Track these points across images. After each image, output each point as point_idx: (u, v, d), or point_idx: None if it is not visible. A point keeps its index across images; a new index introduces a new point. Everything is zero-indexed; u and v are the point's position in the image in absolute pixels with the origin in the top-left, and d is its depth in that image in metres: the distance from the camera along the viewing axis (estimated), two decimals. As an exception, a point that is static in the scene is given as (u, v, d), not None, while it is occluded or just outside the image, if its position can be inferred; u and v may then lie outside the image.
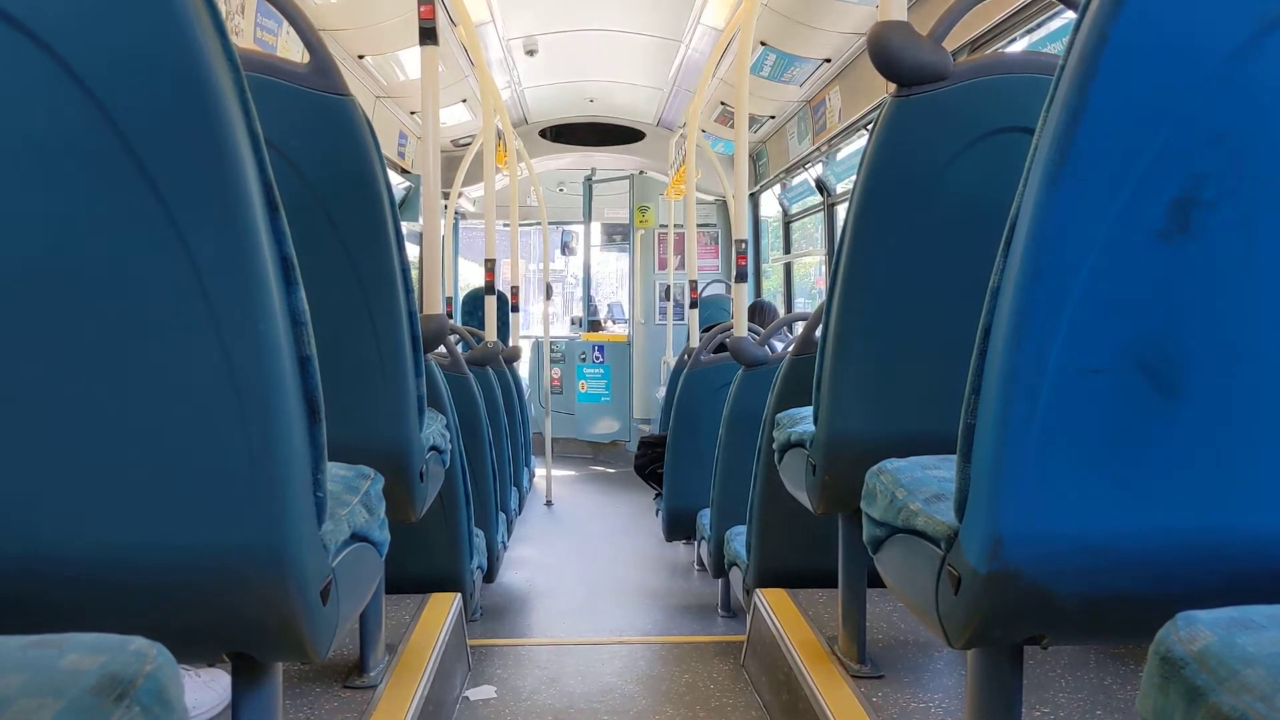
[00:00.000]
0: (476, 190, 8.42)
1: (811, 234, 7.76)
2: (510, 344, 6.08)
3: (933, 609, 1.33)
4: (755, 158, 7.69)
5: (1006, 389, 1.12)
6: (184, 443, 1.09)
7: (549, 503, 6.81)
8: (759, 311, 5.63)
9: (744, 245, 3.80)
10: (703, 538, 4.04)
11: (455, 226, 8.63)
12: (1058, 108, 1.05)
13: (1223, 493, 1.14)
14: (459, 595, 2.91)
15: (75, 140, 1.00)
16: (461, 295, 8.82)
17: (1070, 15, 2.15)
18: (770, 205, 8.28)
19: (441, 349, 3.50)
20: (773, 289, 8.52)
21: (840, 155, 6.31)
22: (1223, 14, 1.00)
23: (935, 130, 1.83)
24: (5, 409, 1.06)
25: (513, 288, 6.39)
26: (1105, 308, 1.08)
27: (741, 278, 3.73)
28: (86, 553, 1.10)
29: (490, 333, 4.87)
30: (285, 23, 3.81)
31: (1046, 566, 1.17)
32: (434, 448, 2.28)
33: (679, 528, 4.47)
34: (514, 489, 4.92)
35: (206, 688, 1.96)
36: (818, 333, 2.11)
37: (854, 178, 1.92)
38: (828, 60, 5.30)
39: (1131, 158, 1.04)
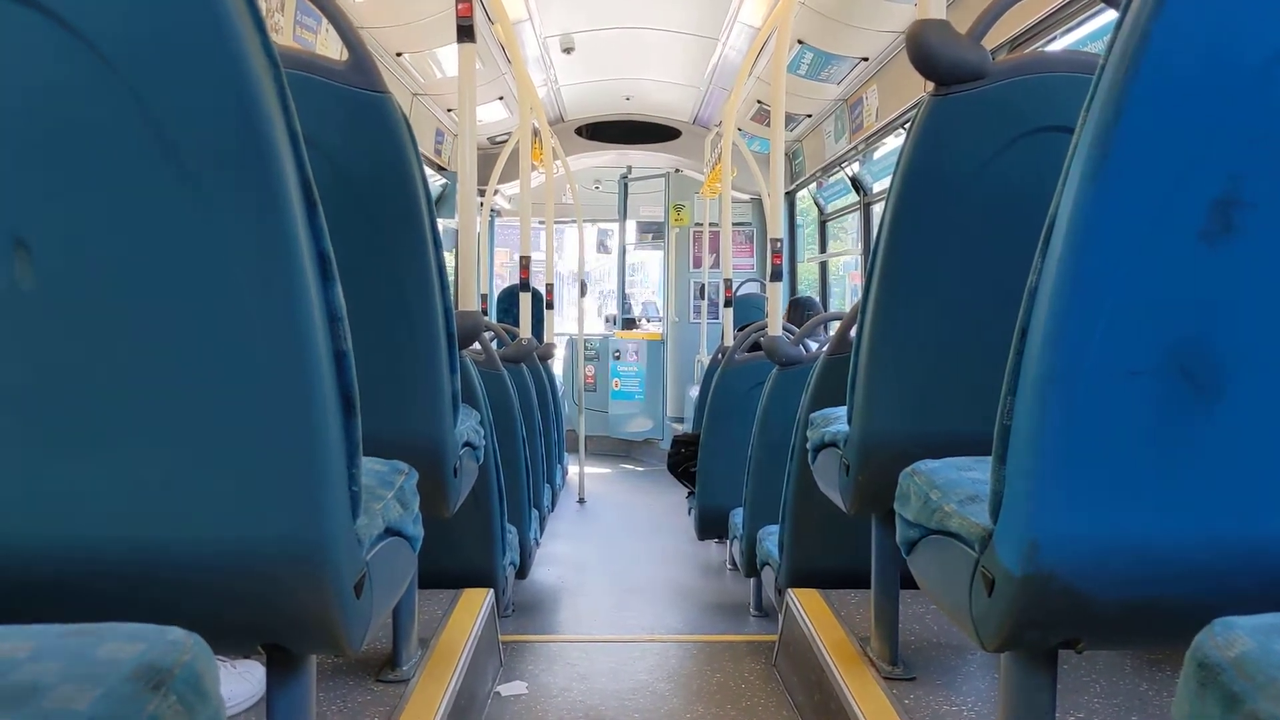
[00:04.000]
0: (512, 188, 8.45)
1: (838, 233, 7.72)
2: (545, 341, 6.10)
3: (966, 611, 1.32)
4: (791, 156, 7.67)
5: (1043, 390, 1.11)
6: (221, 436, 1.10)
7: (581, 500, 6.82)
8: (800, 307, 5.59)
9: (779, 244, 3.79)
10: (735, 537, 4.03)
11: (491, 224, 8.66)
12: (1098, 106, 1.04)
13: (1263, 498, 1.12)
14: (491, 591, 2.92)
15: (115, 136, 1.01)
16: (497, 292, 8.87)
17: (1111, 14, 2.12)
18: (805, 204, 8.25)
19: (476, 345, 3.51)
20: (805, 289, 8.50)
21: (877, 154, 6.28)
22: (1265, 14, 0.98)
23: (973, 129, 1.81)
24: (47, 402, 1.08)
25: (548, 285, 6.41)
26: (1145, 309, 1.07)
27: (776, 276, 3.72)
28: (125, 544, 1.12)
29: (525, 330, 4.88)
30: (324, 20, 3.84)
31: (1082, 570, 1.16)
32: (468, 444, 2.29)
33: (711, 526, 4.47)
34: (547, 486, 4.94)
35: (242, 679, 1.98)
36: (853, 332, 2.10)
37: (891, 176, 1.91)
38: (865, 59, 5.27)
39: (1172, 157, 1.02)
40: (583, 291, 8.10)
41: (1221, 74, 1.00)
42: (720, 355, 5.05)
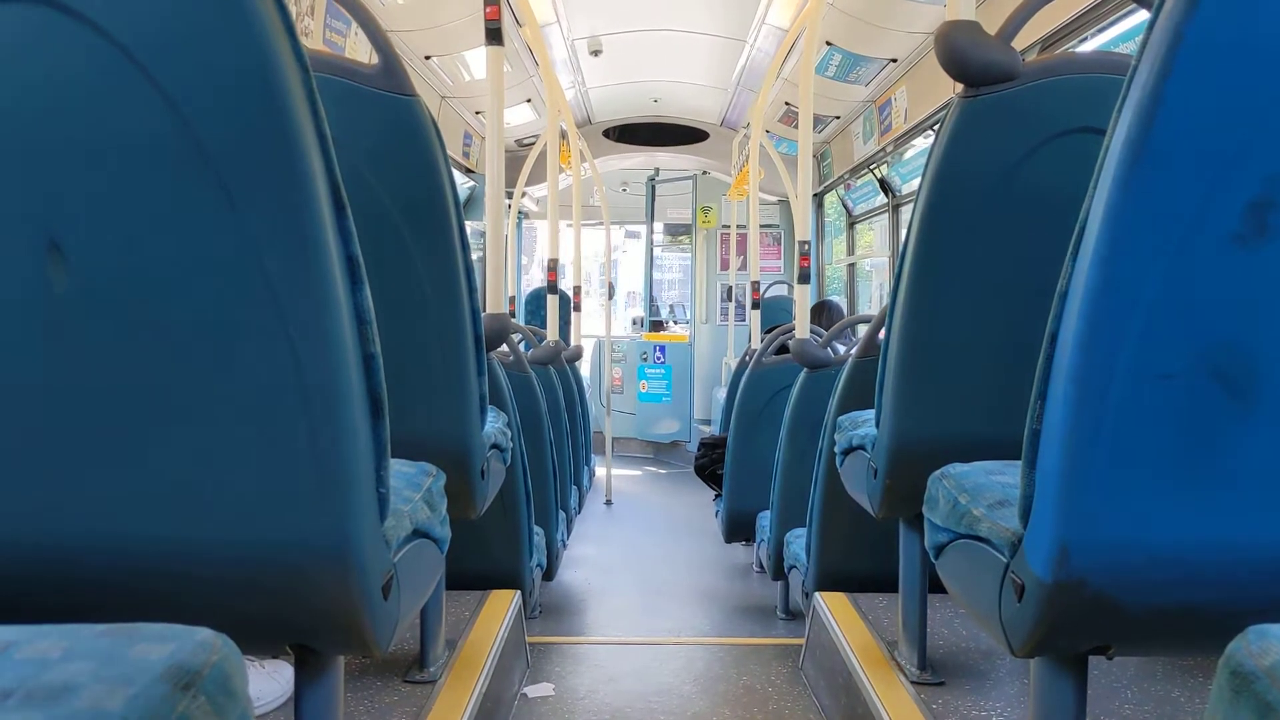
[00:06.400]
0: (540, 190, 8.47)
1: (865, 235, 7.70)
2: (572, 343, 6.10)
3: (995, 616, 1.31)
4: (819, 158, 7.65)
5: (1074, 394, 1.10)
6: (251, 438, 1.10)
7: (609, 502, 6.82)
8: (825, 311, 5.58)
9: (806, 246, 3.79)
10: (762, 539, 4.02)
11: (519, 226, 8.69)
12: (1130, 108, 1.03)
13: None
14: (518, 592, 2.93)
15: (145, 139, 1.02)
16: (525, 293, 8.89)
17: (1143, 15, 2.11)
18: (833, 205, 8.24)
19: (504, 348, 3.52)
20: (833, 291, 8.48)
21: (906, 155, 6.25)
22: None
23: (1003, 131, 1.80)
24: (78, 403, 1.09)
25: (575, 287, 6.42)
26: (1177, 312, 1.06)
27: (804, 279, 3.71)
28: (154, 545, 1.12)
29: (552, 332, 4.90)
30: (354, 24, 3.86)
31: (1113, 576, 1.15)
32: (495, 446, 2.29)
33: (738, 529, 4.46)
34: (574, 487, 4.94)
35: (270, 679, 1.99)
36: (881, 335, 2.09)
37: (919, 178, 1.90)
38: (894, 60, 5.25)
39: (1206, 159, 1.01)
40: (610, 294, 8.11)
41: (1255, 74, 0.99)
42: (748, 358, 5.04)
